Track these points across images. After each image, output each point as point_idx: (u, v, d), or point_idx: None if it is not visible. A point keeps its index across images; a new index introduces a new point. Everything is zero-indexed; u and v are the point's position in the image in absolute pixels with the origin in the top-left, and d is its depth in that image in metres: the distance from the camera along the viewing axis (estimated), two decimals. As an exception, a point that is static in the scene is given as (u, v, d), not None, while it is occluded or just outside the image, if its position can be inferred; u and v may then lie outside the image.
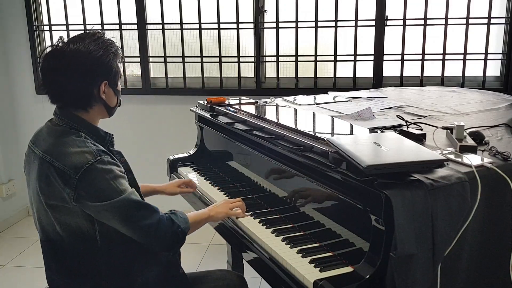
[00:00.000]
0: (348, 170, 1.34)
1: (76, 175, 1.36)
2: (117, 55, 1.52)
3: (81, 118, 1.49)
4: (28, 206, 3.95)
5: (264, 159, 1.81)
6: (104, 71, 1.48)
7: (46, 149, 1.43)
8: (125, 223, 1.40)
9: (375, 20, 3.23)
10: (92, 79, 1.46)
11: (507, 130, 1.77)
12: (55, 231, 1.46)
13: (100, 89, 1.48)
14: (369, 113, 1.98)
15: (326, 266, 1.34)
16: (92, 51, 1.44)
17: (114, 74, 1.52)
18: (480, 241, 1.36)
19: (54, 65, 1.44)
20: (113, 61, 1.50)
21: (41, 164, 1.42)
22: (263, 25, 3.39)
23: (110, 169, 1.40)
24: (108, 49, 1.48)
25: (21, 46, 3.66)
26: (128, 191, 1.41)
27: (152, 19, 3.52)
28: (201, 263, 3.10)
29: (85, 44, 1.45)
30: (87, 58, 1.44)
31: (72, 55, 1.43)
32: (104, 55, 1.46)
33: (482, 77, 3.24)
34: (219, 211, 1.69)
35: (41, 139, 1.49)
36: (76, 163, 1.37)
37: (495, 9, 3.16)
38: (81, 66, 1.43)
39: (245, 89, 3.44)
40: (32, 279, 2.95)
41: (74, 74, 1.44)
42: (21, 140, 3.85)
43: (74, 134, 1.45)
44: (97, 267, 1.48)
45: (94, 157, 1.39)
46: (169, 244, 1.48)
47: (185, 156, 2.40)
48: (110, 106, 1.55)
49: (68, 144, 1.41)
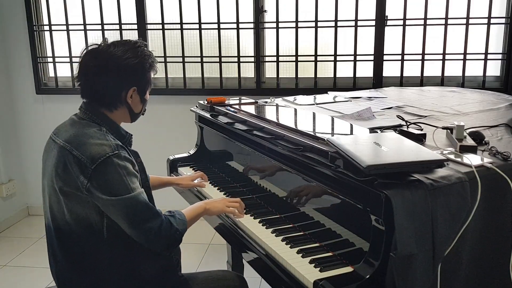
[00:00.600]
0: (348, 170, 1.34)
1: (92, 165, 1.41)
2: (152, 66, 1.60)
3: (105, 115, 1.55)
4: (28, 206, 3.96)
5: (264, 159, 1.81)
6: (136, 78, 1.55)
7: (67, 138, 1.48)
8: (129, 221, 1.43)
9: (375, 20, 3.23)
10: (122, 82, 1.53)
11: (507, 130, 1.77)
12: (64, 219, 1.49)
13: (128, 93, 1.55)
14: (369, 113, 1.98)
15: (326, 266, 1.34)
16: (129, 57, 1.52)
17: (145, 83, 1.59)
18: (480, 241, 1.36)
19: (90, 62, 1.52)
20: (147, 71, 1.58)
21: (60, 151, 1.47)
22: (263, 25, 3.39)
23: (125, 165, 1.44)
24: (144, 59, 1.56)
25: (21, 46, 3.66)
26: (138, 190, 1.45)
27: (152, 19, 3.52)
28: (201, 263, 3.10)
29: (125, 49, 1.53)
30: (122, 62, 1.51)
31: (109, 56, 1.51)
32: (139, 64, 1.54)
33: (482, 77, 3.24)
34: (216, 206, 1.72)
35: (63, 130, 1.54)
36: (94, 154, 1.42)
37: (495, 9, 3.16)
38: (115, 68, 1.51)
39: (245, 89, 3.43)
40: (32, 279, 2.95)
41: (106, 74, 1.51)
42: (21, 140, 3.86)
43: (96, 128, 1.51)
44: (100, 261, 1.51)
45: (112, 151, 1.43)
46: (166, 246, 1.52)
47: (185, 156, 2.41)
48: (134, 112, 1.61)
49: (89, 136, 1.47)
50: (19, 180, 3.88)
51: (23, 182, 3.91)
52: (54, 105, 3.74)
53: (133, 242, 1.50)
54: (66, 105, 3.67)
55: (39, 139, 3.90)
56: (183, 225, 1.53)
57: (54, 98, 3.72)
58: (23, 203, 3.93)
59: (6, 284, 2.93)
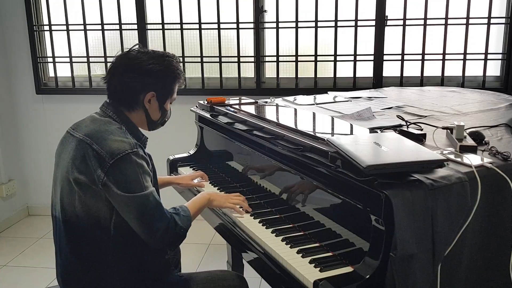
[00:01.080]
0: (348, 170, 1.34)
1: (111, 160, 1.44)
2: (176, 78, 1.64)
3: (124, 115, 1.60)
4: (28, 206, 3.96)
5: (264, 159, 1.81)
6: (156, 83, 1.60)
7: (87, 132, 1.52)
8: (139, 219, 1.46)
9: (375, 20, 3.23)
10: (142, 84, 1.58)
11: (507, 130, 1.77)
12: (74, 212, 1.51)
13: (146, 97, 1.59)
14: (369, 113, 1.98)
15: (326, 266, 1.34)
16: (154, 63, 1.58)
17: (165, 92, 1.63)
18: (480, 241, 1.36)
19: (118, 63, 1.60)
20: (170, 81, 1.63)
21: (80, 145, 1.50)
22: (263, 25, 3.39)
23: (141, 164, 1.49)
24: (169, 69, 1.61)
25: (21, 46, 3.66)
26: (150, 189, 1.49)
27: (152, 19, 3.52)
28: (201, 263, 3.10)
29: (152, 56, 1.60)
30: (145, 66, 1.57)
31: (135, 59, 1.58)
32: (162, 71, 1.59)
33: (482, 77, 3.24)
34: (218, 199, 1.76)
35: (83, 125, 1.57)
36: (114, 149, 1.46)
37: (495, 9, 3.16)
38: (138, 70, 1.57)
39: (245, 89, 3.43)
40: (32, 279, 2.95)
41: (129, 74, 1.57)
42: (21, 140, 3.86)
43: (117, 126, 1.55)
44: (104, 257, 1.53)
45: (131, 148, 1.48)
46: (170, 244, 1.55)
47: (185, 156, 2.41)
48: (151, 118, 1.65)
49: (110, 132, 1.51)
50: (19, 180, 3.88)
51: (23, 182, 3.91)
52: (54, 105, 3.74)
53: (138, 242, 1.52)
54: (66, 105, 3.69)
55: (39, 139, 3.92)
56: (187, 222, 1.57)
57: (54, 98, 3.72)
58: (23, 203, 3.94)
59: (6, 284, 2.93)
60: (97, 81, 3.68)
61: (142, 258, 1.58)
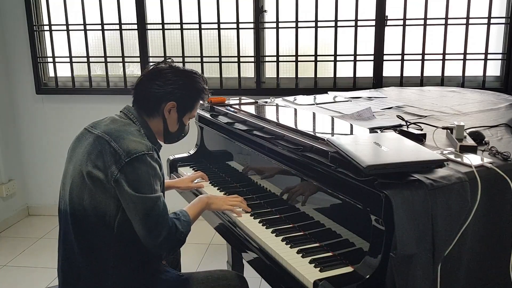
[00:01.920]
0: (348, 170, 1.34)
1: (127, 158, 1.48)
2: (199, 94, 1.69)
3: (144, 120, 1.65)
4: (28, 206, 3.96)
5: (264, 159, 1.81)
6: (178, 95, 1.64)
7: (106, 130, 1.56)
8: (143, 221, 1.48)
9: (375, 20, 3.23)
10: (165, 93, 1.62)
11: (507, 130, 1.77)
12: (82, 204, 1.53)
13: (167, 106, 1.63)
14: (369, 113, 1.98)
15: (326, 266, 1.34)
16: (179, 75, 1.65)
17: (186, 105, 1.68)
18: (480, 241, 1.36)
19: (151, 71, 1.67)
20: (192, 94, 1.68)
21: (98, 140, 1.54)
22: (263, 25, 3.39)
23: (154, 167, 1.53)
24: (194, 84, 1.67)
25: (21, 46, 3.66)
26: (159, 193, 1.52)
27: (152, 19, 3.52)
28: (201, 263, 3.10)
29: (180, 71, 1.67)
30: (171, 77, 1.63)
31: (163, 70, 1.65)
32: (185, 84, 1.65)
33: (482, 77, 3.24)
34: (216, 202, 1.78)
35: (102, 124, 1.61)
36: (131, 148, 1.49)
37: (495, 9, 3.16)
38: (164, 79, 1.63)
39: (245, 89, 3.43)
40: (32, 279, 2.95)
41: (155, 82, 1.63)
42: (21, 140, 3.86)
43: (136, 128, 1.60)
44: (107, 253, 1.55)
45: (147, 150, 1.52)
46: (170, 248, 1.57)
47: (185, 156, 2.41)
48: (168, 129, 1.68)
49: (129, 133, 1.55)
50: (19, 180, 3.88)
51: (23, 182, 3.91)
52: (54, 105, 3.74)
53: (139, 244, 1.53)
54: (66, 105, 3.69)
55: (39, 139, 3.92)
56: (187, 227, 1.60)
57: (54, 98, 3.72)
58: (23, 203, 3.93)
59: (6, 284, 2.93)
60: (97, 81, 3.68)
61: (142, 258, 1.60)
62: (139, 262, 1.60)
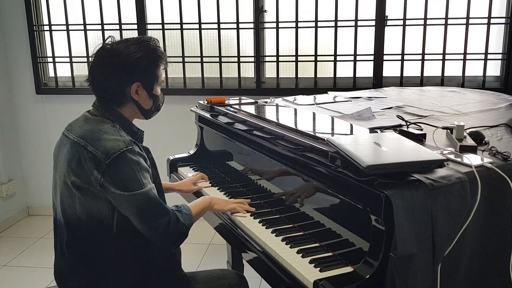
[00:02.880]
0: (348, 170, 1.34)
1: (107, 160, 1.43)
2: (158, 61, 1.58)
3: (116, 111, 1.57)
4: (28, 206, 3.96)
5: (264, 159, 1.81)
6: (139, 72, 1.54)
7: (81, 134, 1.50)
8: (140, 216, 1.46)
9: (375, 20, 3.23)
10: (125, 78, 1.53)
11: (507, 130, 1.77)
12: (75, 214, 1.50)
13: (132, 89, 1.55)
14: (369, 113, 1.98)
15: (326, 266, 1.34)
16: (131, 52, 1.52)
17: (150, 78, 1.58)
18: (480, 241, 1.36)
19: (96, 61, 1.55)
20: (152, 66, 1.57)
21: (74, 147, 1.49)
22: (263, 25, 3.39)
23: (138, 161, 1.47)
24: (149, 53, 1.55)
25: (21, 46, 3.66)
26: (149, 185, 1.48)
27: (152, 19, 3.52)
28: (201, 263, 3.10)
29: (128, 45, 1.54)
30: (124, 58, 1.51)
31: (112, 53, 1.53)
32: (141, 58, 1.53)
33: (482, 77, 3.24)
34: (219, 203, 1.76)
35: (76, 126, 1.55)
36: (109, 149, 1.44)
37: (495, 9, 3.16)
38: (117, 64, 1.52)
39: (245, 89, 3.43)
40: (32, 279, 2.95)
41: (110, 71, 1.52)
42: (21, 140, 3.86)
43: (110, 124, 1.53)
44: (107, 256, 1.53)
45: (126, 146, 1.46)
46: (173, 241, 1.54)
47: (185, 156, 2.41)
48: (144, 108, 1.61)
49: (103, 131, 1.49)
50: (19, 180, 3.88)
51: (23, 182, 3.91)
52: (54, 105, 3.74)
53: (141, 240, 1.52)
54: (66, 105, 3.69)
55: (39, 139, 3.92)
56: (189, 220, 1.57)
57: (54, 98, 3.72)
58: (23, 203, 3.93)
59: (6, 284, 2.93)
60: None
61: (146, 255, 1.58)
62: (142, 259, 1.57)
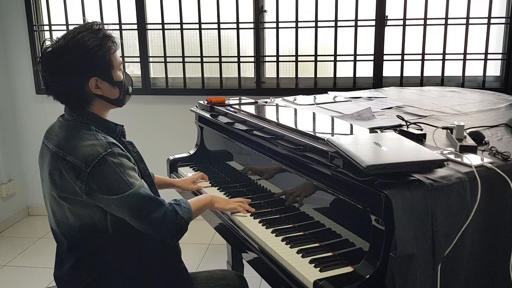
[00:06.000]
0: (348, 170, 1.34)
1: (87, 168, 1.39)
2: (102, 46, 1.45)
3: (89, 112, 1.51)
4: (28, 206, 3.96)
5: (264, 159, 1.81)
6: (90, 66, 1.45)
7: (58, 143, 1.46)
8: (133, 216, 1.43)
9: (375, 20, 3.23)
10: (79, 77, 1.45)
11: (507, 130, 1.77)
12: (68, 223, 1.49)
13: (91, 86, 1.47)
14: (369, 113, 1.98)
15: (326, 266, 1.34)
16: (72, 49, 1.43)
17: (103, 67, 1.47)
18: (480, 241, 1.36)
19: (44, 69, 1.47)
20: (100, 56, 1.45)
21: (54, 158, 1.45)
22: (263, 25, 3.39)
23: (120, 162, 1.42)
24: (89, 46, 1.43)
25: (21, 46, 3.66)
26: (137, 184, 1.44)
27: (152, 19, 3.52)
28: (201, 263, 3.10)
29: (65, 43, 1.44)
30: (67, 59, 1.43)
31: (53, 58, 1.44)
32: (86, 54, 1.43)
33: (482, 77, 3.24)
34: (220, 202, 1.75)
35: (53, 134, 1.51)
36: (87, 156, 1.39)
37: (495, 9, 3.16)
38: (63, 68, 1.44)
39: (245, 89, 3.44)
40: (32, 279, 2.95)
41: (58, 76, 1.45)
42: (21, 140, 3.86)
43: (84, 128, 1.47)
44: (105, 257, 1.51)
45: (104, 150, 1.41)
46: (172, 234, 1.52)
47: (185, 156, 2.40)
48: (111, 99, 1.53)
49: (79, 138, 1.43)
50: (19, 180, 3.88)
51: (23, 182, 3.91)
52: (54, 105, 3.68)
53: (138, 236, 1.51)
54: (66, 105, 3.69)
55: (39, 139, 3.87)
56: (188, 214, 1.54)
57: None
58: (23, 203, 3.94)
59: (6, 284, 2.93)
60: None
61: (144, 247, 1.56)
62: (140, 257, 1.56)
